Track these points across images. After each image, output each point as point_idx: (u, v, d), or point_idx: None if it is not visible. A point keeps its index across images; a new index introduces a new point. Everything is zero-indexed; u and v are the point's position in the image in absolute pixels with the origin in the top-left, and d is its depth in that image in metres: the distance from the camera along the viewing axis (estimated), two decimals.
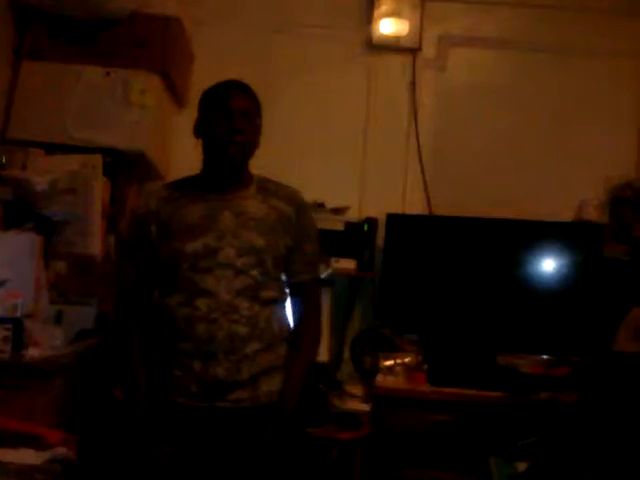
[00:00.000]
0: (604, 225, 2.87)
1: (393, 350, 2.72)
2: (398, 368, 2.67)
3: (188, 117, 3.00)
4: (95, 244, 2.37)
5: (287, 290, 1.82)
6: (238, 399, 1.68)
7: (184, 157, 3.01)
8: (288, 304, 1.83)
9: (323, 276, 1.91)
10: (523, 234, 2.85)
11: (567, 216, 2.98)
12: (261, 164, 1.82)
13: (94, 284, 2.30)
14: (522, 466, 2.23)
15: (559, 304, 2.76)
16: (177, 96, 2.91)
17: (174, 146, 3.02)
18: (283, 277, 1.80)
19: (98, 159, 2.43)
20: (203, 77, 3.02)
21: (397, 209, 3.01)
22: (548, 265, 2.81)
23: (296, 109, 3.04)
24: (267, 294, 1.73)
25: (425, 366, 2.67)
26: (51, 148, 2.47)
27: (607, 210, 2.95)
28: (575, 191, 3.01)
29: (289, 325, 1.83)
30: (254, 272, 1.70)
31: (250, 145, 1.76)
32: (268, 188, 1.80)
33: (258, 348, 1.69)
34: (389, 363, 2.68)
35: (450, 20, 3.19)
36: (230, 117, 1.70)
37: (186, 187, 1.79)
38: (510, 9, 3.17)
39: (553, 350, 2.76)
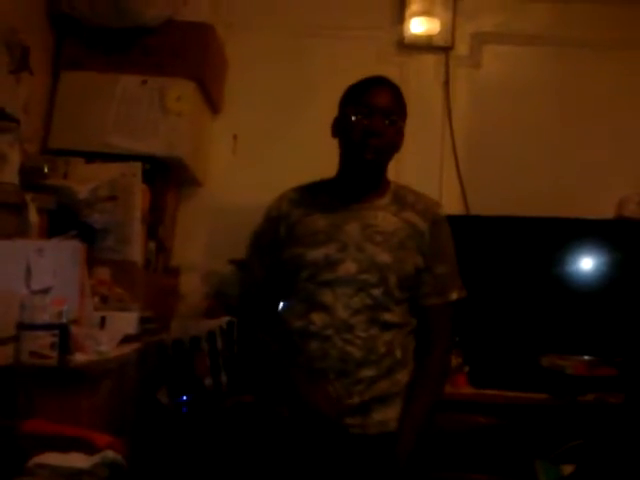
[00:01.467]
0: None
1: None
2: None
3: (223, 123, 3.09)
4: (136, 250, 2.40)
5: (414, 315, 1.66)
6: (347, 425, 1.56)
7: (220, 162, 3.07)
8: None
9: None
10: (563, 232, 2.80)
11: (608, 214, 2.92)
12: (295, 167, 1.77)
13: (136, 290, 2.32)
14: (568, 469, 2.19)
15: (601, 303, 2.70)
16: (212, 102, 2.94)
17: (210, 152, 3.04)
18: (409, 300, 1.64)
19: (137, 167, 2.45)
20: (237, 82, 3.08)
21: None
22: (589, 264, 2.76)
23: (330, 112, 3.02)
24: (388, 317, 1.59)
25: (466, 368, 2.64)
26: (91, 157, 2.51)
27: None
28: (615, 188, 2.96)
29: (415, 352, 1.68)
30: (375, 291, 1.57)
31: (389, 149, 1.63)
32: (405, 198, 1.66)
33: (373, 374, 1.56)
34: None
35: (483, 17, 3.16)
36: (369, 116, 1.58)
37: (319, 191, 1.69)
38: (543, 4, 3.13)
39: (596, 351, 2.70)
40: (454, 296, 1.70)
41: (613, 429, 2.13)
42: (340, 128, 1.66)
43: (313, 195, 1.68)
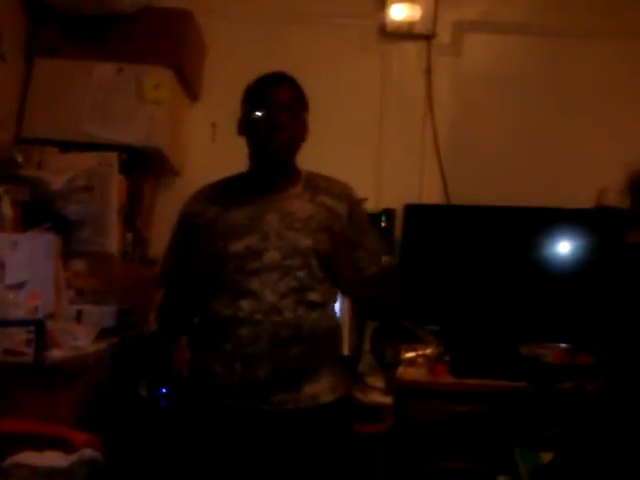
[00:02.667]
0: (625, 210, 2.83)
1: (414, 342, 2.70)
2: (420, 360, 2.65)
3: (201, 110, 3.05)
4: (113, 242, 2.36)
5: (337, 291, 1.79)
6: (279, 401, 1.65)
7: (199, 151, 3.02)
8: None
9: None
10: (543, 222, 2.81)
11: (588, 203, 2.94)
12: None
13: (113, 282, 2.29)
14: (547, 456, 2.21)
15: (581, 292, 2.72)
16: (190, 90, 2.89)
17: (189, 140, 3.00)
18: (331, 278, 1.74)
19: (114, 156, 2.41)
20: (216, 70, 3.03)
21: (414, 199, 2.98)
22: (569, 253, 2.78)
23: (311, 99, 2.98)
24: (314, 297, 1.69)
25: (447, 357, 2.65)
26: (66, 146, 2.46)
27: (628, 196, 2.91)
28: (596, 177, 2.96)
29: (338, 328, 1.80)
30: (300, 274, 1.67)
31: (294, 141, 1.71)
32: (318, 184, 1.76)
33: (302, 351, 1.66)
34: (410, 355, 2.66)
35: (465, 5, 3.14)
36: (271, 112, 1.65)
37: (232, 187, 1.77)
38: None
39: (576, 339, 2.73)
40: (385, 260, 1.83)
41: (591, 416, 2.15)
42: (245, 126, 1.74)
43: (228, 191, 1.76)
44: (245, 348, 1.65)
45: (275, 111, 1.66)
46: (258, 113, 1.67)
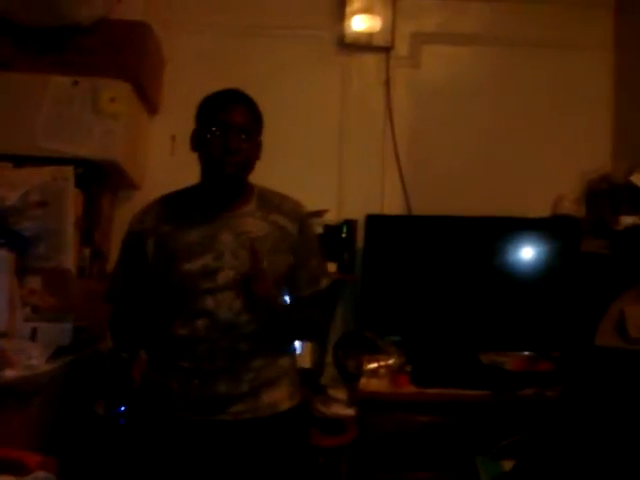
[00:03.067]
0: (581, 219, 2.88)
1: (376, 352, 2.71)
2: (382, 370, 2.66)
3: (160, 123, 3.02)
4: (69, 258, 2.32)
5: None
6: (238, 412, 1.66)
7: (159, 164, 3.00)
8: None
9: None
10: (502, 231, 2.84)
11: (545, 211, 2.99)
12: None
13: (70, 299, 2.25)
14: (508, 464, 2.23)
15: (539, 300, 2.76)
16: (149, 102, 2.87)
17: (148, 153, 2.98)
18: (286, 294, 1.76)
19: (69, 170, 2.37)
20: (176, 82, 3.01)
21: (376, 210, 2.99)
22: (528, 261, 2.81)
23: (271, 112, 2.96)
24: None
25: (409, 367, 2.66)
26: (20, 161, 2.41)
27: (584, 204, 2.96)
28: (552, 186, 3.01)
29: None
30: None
31: (248, 162, 1.70)
32: (270, 201, 1.75)
33: (260, 365, 1.67)
34: (373, 366, 2.66)
35: (422, 17, 3.18)
36: (225, 133, 1.64)
37: (184, 202, 1.74)
38: (482, 4, 3.16)
39: (535, 346, 2.77)
40: (324, 283, 1.83)
41: (550, 424, 2.18)
42: (198, 144, 1.71)
43: (180, 207, 1.74)
44: (203, 365, 1.64)
45: (230, 134, 1.64)
46: (213, 134, 1.65)
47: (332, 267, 2.81)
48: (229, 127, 1.64)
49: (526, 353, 2.75)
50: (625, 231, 2.67)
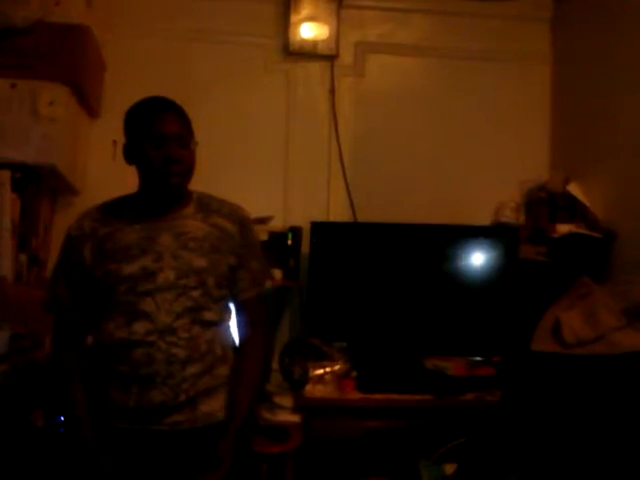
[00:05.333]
0: (519, 227, 2.95)
1: (322, 359, 2.71)
2: (328, 377, 2.66)
3: (102, 128, 2.97)
4: (5, 264, 2.27)
5: (231, 310, 1.78)
6: (175, 422, 1.64)
7: (99, 169, 2.94)
8: (233, 323, 1.79)
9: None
10: (444, 238, 2.89)
11: (487, 219, 3.06)
12: None
13: (6, 306, 2.19)
14: (450, 468, 2.26)
15: (480, 306, 2.82)
16: (89, 106, 2.82)
17: (88, 158, 2.92)
18: (227, 297, 1.75)
19: (6, 175, 2.33)
20: (117, 86, 2.96)
21: (321, 217, 3.01)
22: (469, 269, 2.86)
23: (216, 118, 2.99)
24: (209, 316, 1.68)
25: (354, 373, 2.67)
26: None
27: (523, 213, 3.04)
28: (494, 194, 3.08)
29: (234, 345, 1.79)
30: (195, 293, 1.65)
31: (189, 170, 1.69)
32: (209, 205, 1.75)
33: (197, 371, 1.65)
34: (319, 372, 2.66)
35: (366, 27, 3.22)
36: (163, 145, 1.62)
37: (123, 208, 1.72)
38: (426, 16, 3.23)
39: (477, 351, 2.81)
40: (268, 284, 1.83)
41: (490, 427, 2.22)
42: (135, 158, 1.68)
43: (118, 212, 1.72)
44: (140, 369, 1.62)
45: (168, 144, 1.62)
46: (150, 148, 1.63)
47: (278, 274, 2.81)
48: (166, 138, 1.63)
49: (468, 358, 2.80)
50: (561, 238, 2.75)
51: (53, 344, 1.78)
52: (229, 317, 1.78)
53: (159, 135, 1.62)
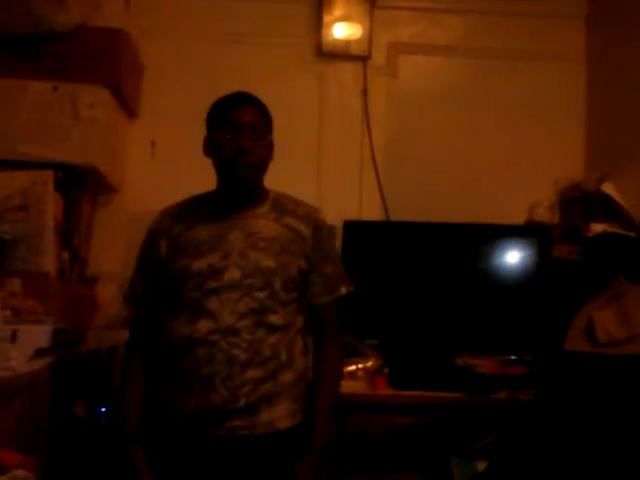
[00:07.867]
0: (552, 226, 2.94)
1: (355, 355, 2.74)
2: (360, 373, 2.69)
3: (140, 128, 3.04)
4: (49, 261, 2.33)
5: (303, 315, 1.74)
6: (234, 427, 1.61)
7: (138, 168, 3.02)
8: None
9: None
10: (478, 238, 2.89)
11: (522, 218, 3.05)
12: (213, 173, 1.77)
13: (49, 301, 2.26)
14: (482, 465, 2.27)
15: (513, 305, 2.81)
16: (128, 108, 2.89)
17: (127, 158, 2.99)
18: (297, 301, 1.71)
19: (49, 175, 2.39)
20: (155, 88, 3.04)
21: (354, 216, 3.03)
22: (502, 268, 2.86)
23: None
24: (274, 319, 1.65)
25: (386, 370, 2.70)
26: (0, 165, 2.42)
27: (558, 211, 3.03)
28: (527, 193, 3.07)
29: (305, 352, 1.74)
30: (260, 294, 1.63)
31: (261, 163, 1.68)
32: (284, 206, 1.73)
33: (259, 375, 1.62)
34: (351, 368, 2.69)
35: (399, 27, 3.24)
36: (237, 133, 1.62)
37: (199, 205, 1.74)
38: (455, 16, 3.23)
39: (509, 350, 2.81)
40: (343, 291, 1.81)
41: (522, 425, 2.22)
42: (210, 148, 1.69)
43: (194, 209, 1.73)
44: (202, 368, 1.61)
45: (240, 134, 1.62)
46: (224, 136, 1.63)
47: None
48: (239, 126, 1.62)
49: (500, 357, 2.80)
50: (595, 238, 2.73)
51: (129, 336, 1.80)
52: (298, 322, 1.73)
53: (233, 121, 1.62)
